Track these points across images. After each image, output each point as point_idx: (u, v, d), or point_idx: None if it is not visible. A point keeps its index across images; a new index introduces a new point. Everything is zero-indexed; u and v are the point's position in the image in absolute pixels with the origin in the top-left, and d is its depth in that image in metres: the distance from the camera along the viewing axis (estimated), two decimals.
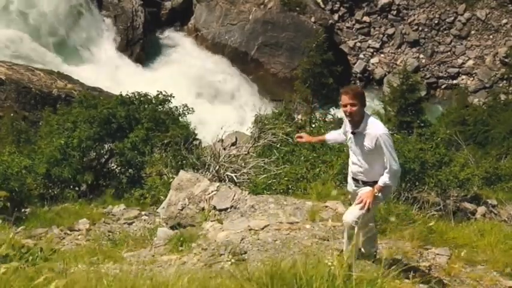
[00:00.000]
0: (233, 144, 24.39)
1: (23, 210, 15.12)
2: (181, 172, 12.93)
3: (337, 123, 25.52)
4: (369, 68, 54.57)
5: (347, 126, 6.95)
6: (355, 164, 6.92)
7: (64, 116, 21.13)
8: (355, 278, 4.36)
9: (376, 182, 6.74)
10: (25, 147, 22.65)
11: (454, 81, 53.94)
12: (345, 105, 6.60)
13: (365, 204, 6.58)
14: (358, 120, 6.66)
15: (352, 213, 6.75)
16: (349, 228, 6.72)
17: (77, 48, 48.75)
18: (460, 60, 54.43)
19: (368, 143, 6.61)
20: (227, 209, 10.65)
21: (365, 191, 6.75)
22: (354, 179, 7.04)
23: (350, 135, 6.85)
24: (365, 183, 6.87)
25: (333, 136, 7.51)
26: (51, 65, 44.51)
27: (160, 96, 21.60)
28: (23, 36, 45.50)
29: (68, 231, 13.92)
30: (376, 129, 6.60)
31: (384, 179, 6.65)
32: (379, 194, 6.72)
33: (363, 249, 6.52)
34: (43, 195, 18.38)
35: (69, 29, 48.75)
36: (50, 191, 18.99)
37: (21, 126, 29.60)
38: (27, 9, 47.09)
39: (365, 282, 4.39)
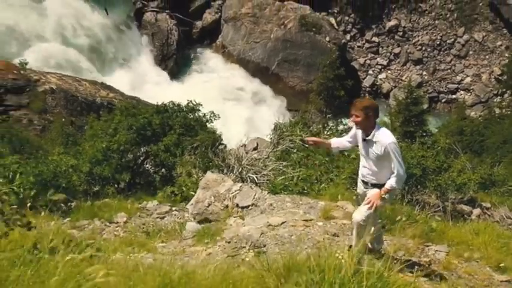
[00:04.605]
0: (255, 148, 24.36)
1: (69, 204, 15.21)
2: (208, 173, 12.94)
3: (348, 131, 25.39)
4: (377, 83, 54.34)
5: (358, 132, 6.95)
6: (365, 167, 6.90)
7: (107, 122, 21.24)
8: (363, 271, 4.33)
9: (383, 185, 6.71)
10: (72, 148, 22.76)
11: (453, 96, 53.57)
12: (352, 115, 6.73)
13: (372, 204, 6.57)
14: (369, 129, 6.66)
15: (360, 213, 6.73)
16: (358, 226, 6.70)
17: (119, 62, 49.14)
18: (459, 77, 54.05)
19: (377, 150, 6.59)
20: (248, 206, 10.64)
21: (373, 193, 6.73)
22: (363, 182, 7.02)
23: (362, 143, 6.85)
24: (373, 185, 6.84)
25: (337, 143, 7.38)
26: (95, 76, 44.93)
27: (190, 105, 21.61)
28: (73, 51, 45.99)
29: (108, 224, 13.95)
30: (385, 138, 6.59)
31: (391, 183, 6.63)
32: (386, 196, 6.70)
33: (370, 245, 6.49)
34: (86, 191, 18.43)
35: (112, 45, 49.17)
36: (92, 187, 19.04)
37: (69, 130, 29.79)
38: (77, 27, 47.64)
39: (372, 275, 4.36)
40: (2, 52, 41.81)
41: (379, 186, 6.76)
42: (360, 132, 6.86)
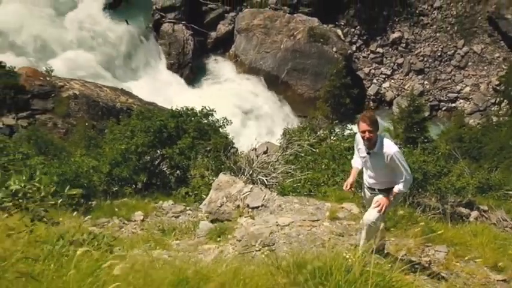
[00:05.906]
0: (265, 152, 24.32)
1: (90, 202, 15.27)
2: (221, 175, 12.94)
3: (352, 136, 25.27)
4: (381, 91, 54.12)
5: (359, 144, 6.84)
6: (371, 177, 6.84)
7: (125, 126, 21.29)
8: (368, 270, 4.30)
9: (389, 189, 6.68)
10: (93, 150, 22.85)
11: (453, 105, 53.30)
12: (363, 132, 6.45)
13: (382, 207, 6.55)
14: (373, 142, 6.57)
15: (371, 215, 6.69)
16: (368, 227, 6.66)
17: (138, 70, 49.35)
18: (458, 87, 53.80)
19: (384, 160, 6.52)
20: (259, 207, 10.62)
21: (381, 197, 6.70)
22: (370, 188, 6.98)
23: (365, 155, 6.75)
24: (380, 191, 6.81)
25: (358, 162, 7.06)
26: (116, 82, 45.14)
27: (204, 110, 21.62)
28: (96, 59, 46.30)
29: (126, 222, 14.00)
30: (389, 148, 6.51)
31: (399, 187, 6.60)
32: (392, 199, 6.69)
33: (374, 246, 6.45)
34: (106, 190, 18.48)
35: (132, 54, 49.43)
36: (112, 187, 19.09)
37: (91, 133, 29.92)
38: (99, 37, 47.99)
39: (377, 274, 4.33)
40: (30, 60, 42.21)
41: (386, 190, 6.73)
42: (363, 147, 6.76)
